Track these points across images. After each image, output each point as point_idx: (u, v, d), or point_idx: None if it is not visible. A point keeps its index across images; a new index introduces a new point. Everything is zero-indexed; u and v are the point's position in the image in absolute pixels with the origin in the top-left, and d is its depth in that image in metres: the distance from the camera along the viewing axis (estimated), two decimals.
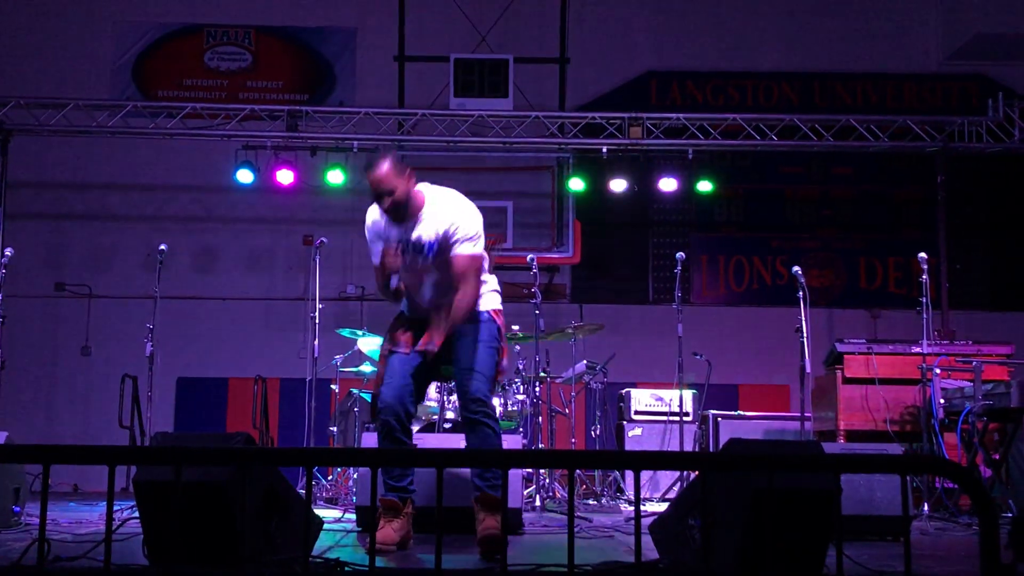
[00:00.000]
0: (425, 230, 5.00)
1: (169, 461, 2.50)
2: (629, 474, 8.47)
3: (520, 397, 8.22)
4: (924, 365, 7.63)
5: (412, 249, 5.02)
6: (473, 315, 5.06)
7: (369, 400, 8.25)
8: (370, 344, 8.61)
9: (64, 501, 8.00)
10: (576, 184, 11.38)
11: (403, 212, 4.97)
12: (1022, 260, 12.57)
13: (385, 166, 4.92)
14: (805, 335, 7.61)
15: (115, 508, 5.56)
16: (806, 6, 12.93)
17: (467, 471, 5.16)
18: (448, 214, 4.99)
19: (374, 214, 5.13)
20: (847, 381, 8.23)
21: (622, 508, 7.88)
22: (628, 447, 9.27)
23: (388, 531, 4.90)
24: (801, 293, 7.60)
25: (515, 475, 5.89)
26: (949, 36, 12.72)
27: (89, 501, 7.91)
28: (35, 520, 5.77)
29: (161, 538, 4.05)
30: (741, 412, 9.61)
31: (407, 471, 5.08)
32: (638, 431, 9.34)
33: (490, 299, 5.19)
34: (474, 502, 4.96)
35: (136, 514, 4.61)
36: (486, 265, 5.20)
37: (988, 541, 2.36)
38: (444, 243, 4.97)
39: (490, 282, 5.24)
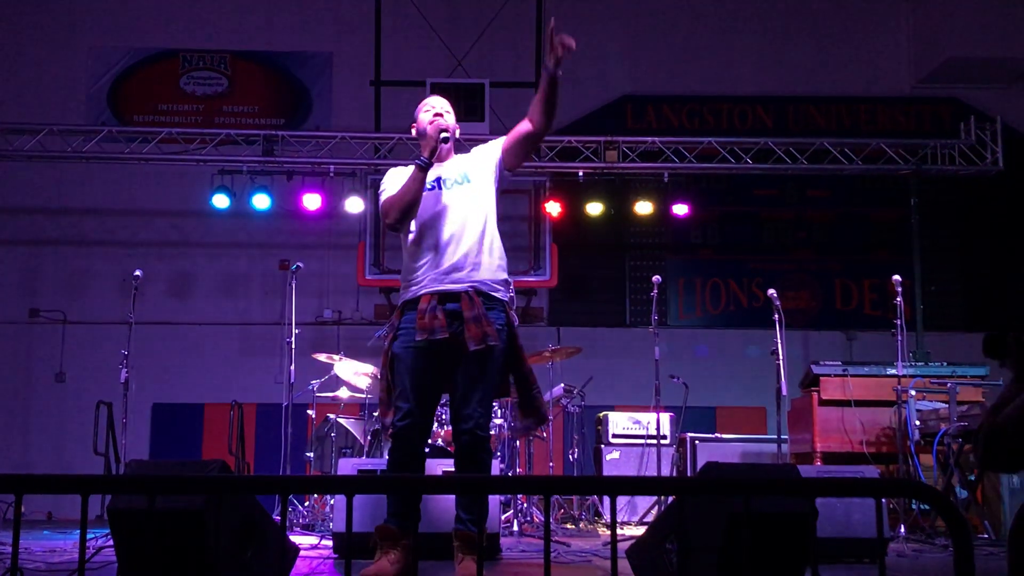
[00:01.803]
0: (460, 163, 4.92)
1: (143, 490, 2.48)
2: (607, 498, 8.45)
3: (497, 422, 8.19)
4: (899, 387, 7.66)
5: (443, 184, 4.82)
6: (494, 311, 4.73)
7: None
8: (346, 369, 8.58)
9: (38, 529, 7.93)
10: (553, 208, 11.40)
11: (447, 144, 4.87)
12: (995, 282, 12.66)
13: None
14: (781, 357, 7.64)
15: (89, 537, 5.52)
16: (780, 31, 13.04)
17: (450, 497, 5.03)
18: (476, 148, 4.99)
19: (405, 168, 4.87)
20: (823, 403, 8.27)
21: (600, 532, 7.87)
22: (606, 471, 9.27)
23: (384, 564, 4.52)
24: (777, 316, 7.63)
25: (493, 500, 5.87)
26: (921, 60, 12.86)
27: (63, 529, 7.83)
28: (8, 549, 5.71)
29: (136, 567, 4.02)
30: (718, 435, 9.62)
31: (416, 499, 4.68)
32: (616, 454, 9.33)
33: (506, 285, 4.87)
34: (454, 535, 4.71)
35: (111, 543, 4.57)
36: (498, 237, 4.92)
37: (963, 562, 2.37)
38: (484, 162, 4.88)
39: (503, 257, 4.91)
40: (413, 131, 5.04)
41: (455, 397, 4.77)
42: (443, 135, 4.76)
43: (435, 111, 4.94)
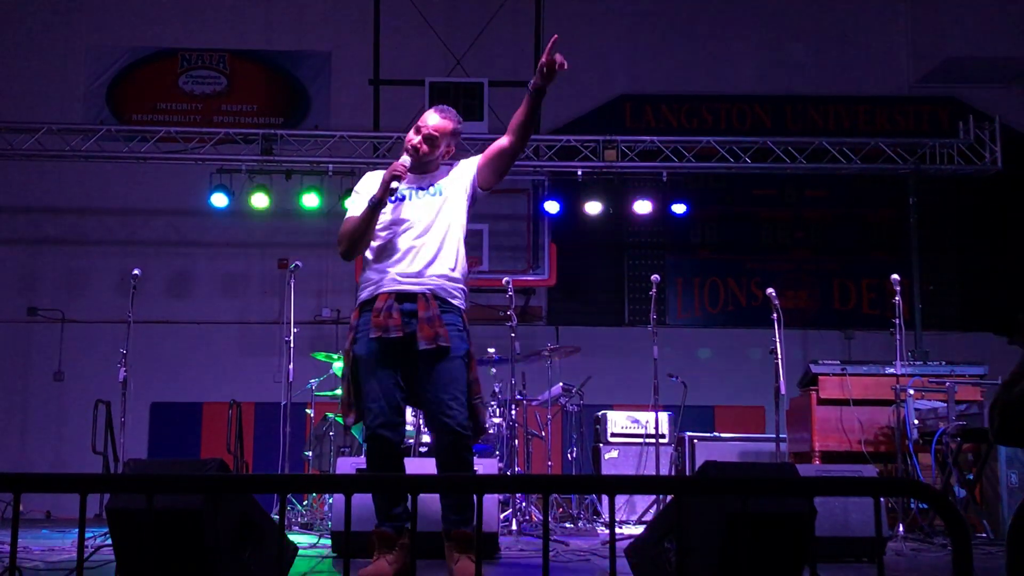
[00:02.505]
0: (438, 177, 4.91)
1: (141, 489, 2.48)
2: (605, 497, 8.45)
3: (496, 420, 8.21)
4: (898, 386, 7.66)
5: (415, 195, 4.82)
6: (449, 314, 4.73)
7: (341, 413, 8.23)
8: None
9: (36, 528, 7.92)
10: (551, 207, 11.41)
11: (420, 163, 4.84)
12: (994, 281, 12.66)
13: (451, 123, 4.90)
14: (779, 357, 7.63)
15: (88, 535, 5.51)
16: (779, 30, 13.04)
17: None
18: (457, 163, 4.97)
19: (374, 177, 4.90)
20: (822, 402, 8.27)
21: (598, 531, 7.86)
22: (604, 470, 9.26)
23: (382, 564, 4.59)
24: (775, 315, 7.62)
25: (491, 499, 5.87)
26: (920, 60, 12.86)
27: (62, 528, 7.83)
28: (6, 548, 5.71)
29: (134, 566, 4.01)
30: (717, 434, 9.62)
31: (402, 498, 4.71)
32: (614, 453, 9.33)
33: (463, 294, 4.87)
34: (444, 535, 4.69)
35: (109, 541, 4.57)
36: (467, 265, 4.94)
37: (961, 561, 2.37)
38: (460, 180, 4.88)
39: (465, 271, 4.91)
40: None
41: (426, 401, 4.73)
42: (393, 183, 4.71)
43: (420, 134, 4.88)
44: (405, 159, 4.80)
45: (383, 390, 4.68)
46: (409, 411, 7.40)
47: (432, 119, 4.92)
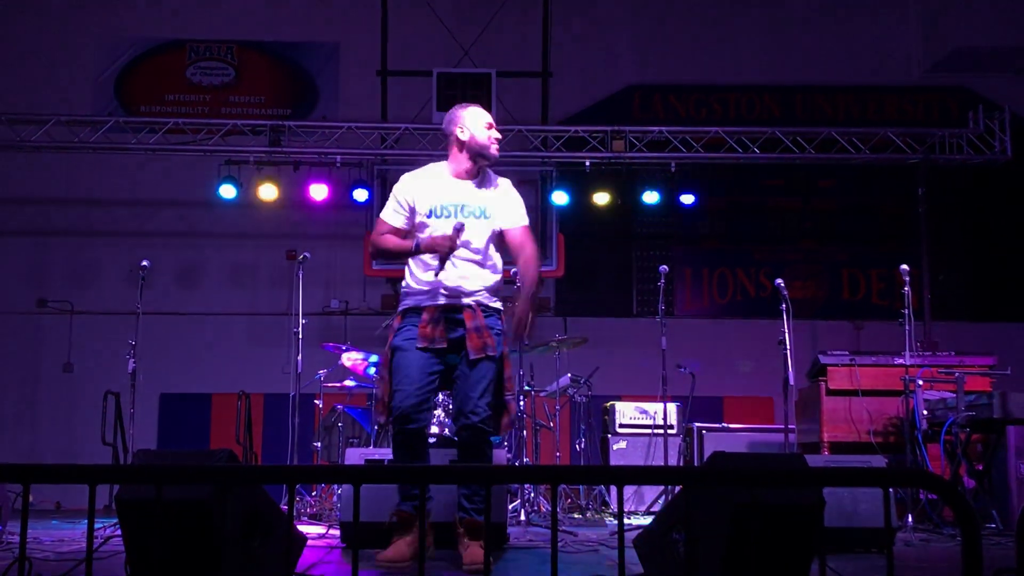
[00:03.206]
0: (485, 195, 5.08)
1: (150, 480, 2.49)
2: (614, 488, 8.45)
3: None
4: (907, 376, 7.64)
5: (462, 213, 4.98)
6: (492, 317, 4.97)
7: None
8: (353, 359, 8.58)
9: (47, 519, 7.95)
10: (559, 198, 11.38)
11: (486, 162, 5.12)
12: (1003, 271, 12.63)
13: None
14: (788, 347, 7.62)
15: (98, 526, 5.52)
16: (788, 19, 12.98)
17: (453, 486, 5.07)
18: (505, 192, 5.18)
19: (421, 176, 5.08)
20: (830, 393, 8.25)
21: (607, 522, 7.87)
22: (613, 460, 9.27)
23: (401, 546, 4.74)
24: (784, 305, 7.61)
25: (500, 489, 5.87)
26: (929, 49, 12.80)
27: (72, 519, 7.86)
28: (16, 538, 5.73)
29: (144, 556, 4.02)
30: (725, 424, 9.61)
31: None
32: (623, 444, 9.33)
33: (498, 294, 5.10)
34: (458, 522, 4.86)
35: (119, 532, 4.58)
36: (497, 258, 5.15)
37: (970, 552, 2.37)
38: (502, 210, 5.07)
39: (501, 275, 5.15)
40: (459, 132, 5.07)
41: (458, 396, 4.97)
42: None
43: (493, 135, 5.11)
44: (454, 238, 4.86)
45: (417, 375, 4.84)
46: None
47: (492, 125, 5.15)
